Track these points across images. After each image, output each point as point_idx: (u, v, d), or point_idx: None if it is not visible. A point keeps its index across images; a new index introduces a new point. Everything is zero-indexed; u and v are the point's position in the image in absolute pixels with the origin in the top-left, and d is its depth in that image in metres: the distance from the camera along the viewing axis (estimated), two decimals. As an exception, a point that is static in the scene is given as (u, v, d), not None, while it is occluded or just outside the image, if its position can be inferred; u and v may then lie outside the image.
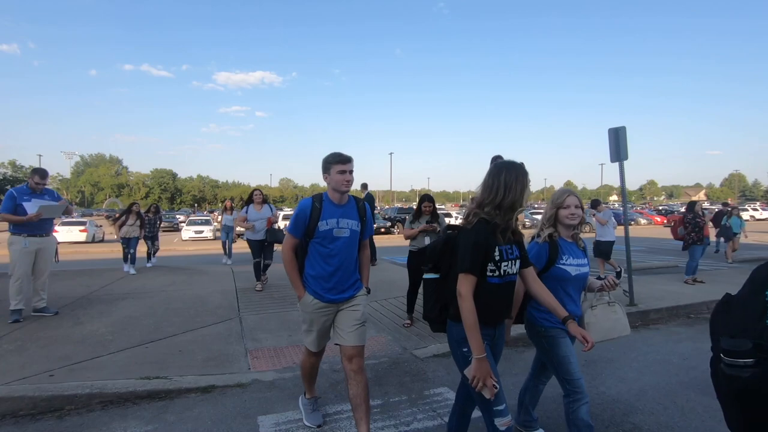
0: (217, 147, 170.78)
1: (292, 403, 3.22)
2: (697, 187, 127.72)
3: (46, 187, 5.35)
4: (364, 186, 10.14)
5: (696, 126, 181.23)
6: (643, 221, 34.57)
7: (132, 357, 4.04)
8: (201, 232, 23.61)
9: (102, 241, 24.16)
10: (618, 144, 5.91)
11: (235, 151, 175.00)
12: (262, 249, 6.93)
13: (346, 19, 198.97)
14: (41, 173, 5.29)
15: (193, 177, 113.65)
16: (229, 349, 4.36)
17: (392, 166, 71.95)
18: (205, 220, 26.22)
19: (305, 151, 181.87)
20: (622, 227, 6.59)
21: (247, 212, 6.92)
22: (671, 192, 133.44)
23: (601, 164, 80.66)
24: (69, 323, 5.04)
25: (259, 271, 7.03)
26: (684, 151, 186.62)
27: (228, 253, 11.81)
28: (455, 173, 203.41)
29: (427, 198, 5.37)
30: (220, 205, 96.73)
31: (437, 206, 5.55)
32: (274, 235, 6.87)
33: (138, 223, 9.30)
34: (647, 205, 66.22)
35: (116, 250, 18.21)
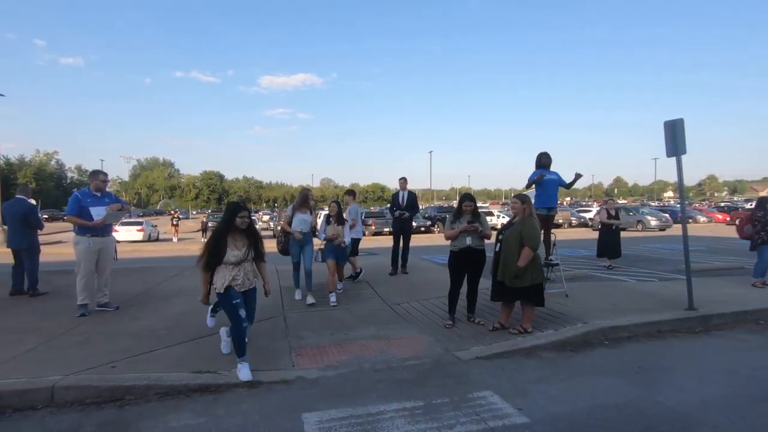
0: (262, 148, 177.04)
1: (335, 400, 3.26)
2: (765, 182, 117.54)
3: (106, 190, 5.77)
4: (349, 192, 8.02)
5: (763, 114, 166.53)
6: (702, 219, 32.29)
7: (184, 351, 4.24)
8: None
9: (157, 239, 25.69)
10: (675, 138, 5.53)
11: (279, 152, 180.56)
12: None
13: (385, 18, 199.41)
14: (103, 174, 5.72)
15: (239, 178, 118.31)
16: (273, 346, 4.49)
17: (432, 165, 71.44)
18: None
19: (345, 151, 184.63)
20: (678, 225, 6.17)
21: None
22: (735, 187, 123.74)
23: (655, 159, 76.22)
24: (128, 318, 5.37)
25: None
26: (749, 143, 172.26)
27: (307, 279, 6.24)
28: (497, 171, 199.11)
29: (467, 197, 5.26)
30: (264, 205, 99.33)
31: (478, 205, 5.40)
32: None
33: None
34: (708, 202, 61.70)
35: (169, 249, 19.38)
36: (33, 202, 7.03)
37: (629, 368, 3.92)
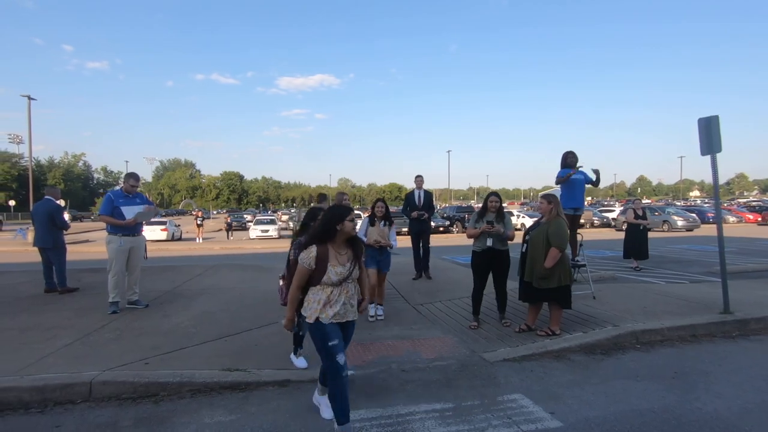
0: (280, 149, 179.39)
1: (365, 400, 3.26)
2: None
3: (137, 190, 5.91)
4: (321, 196, 7.32)
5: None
6: (732, 219, 31.16)
7: (214, 349, 4.31)
8: (267, 231, 25.06)
9: (180, 239, 26.26)
10: (710, 135, 5.35)
11: (297, 153, 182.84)
12: None
13: (400, 17, 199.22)
14: (135, 177, 5.86)
15: (258, 178, 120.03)
16: (300, 344, 4.51)
17: (450, 164, 71.02)
18: (271, 219, 27.75)
19: (363, 150, 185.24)
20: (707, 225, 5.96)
21: None
22: (766, 186, 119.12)
23: (681, 157, 74.11)
24: (158, 316, 5.50)
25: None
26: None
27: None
28: (516, 170, 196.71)
29: (493, 193, 5.22)
30: (283, 205, 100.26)
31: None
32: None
33: None
34: (736, 202, 59.51)
35: (192, 248, 19.76)
36: (62, 203, 7.26)
37: (664, 373, 3.82)
